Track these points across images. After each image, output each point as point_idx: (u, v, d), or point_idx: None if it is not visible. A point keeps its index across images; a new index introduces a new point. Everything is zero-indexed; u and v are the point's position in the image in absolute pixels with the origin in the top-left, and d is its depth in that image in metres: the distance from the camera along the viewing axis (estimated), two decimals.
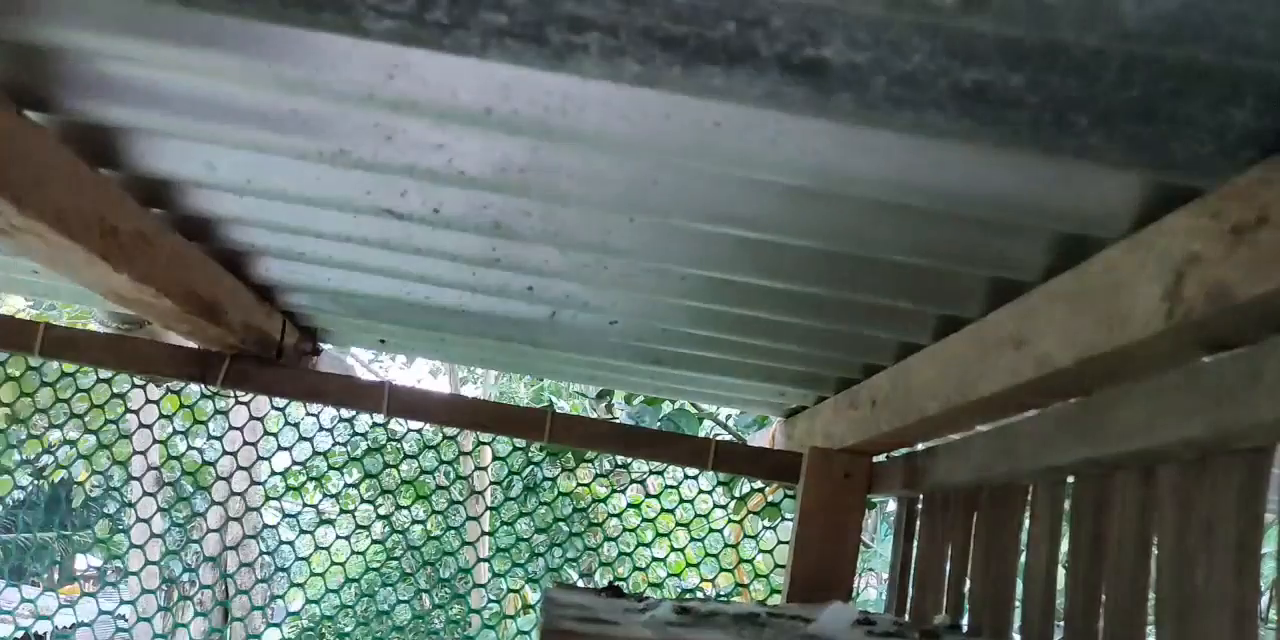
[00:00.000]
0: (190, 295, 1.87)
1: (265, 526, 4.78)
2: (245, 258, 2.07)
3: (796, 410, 2.56)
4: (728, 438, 4.07)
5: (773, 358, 2.09)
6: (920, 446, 2.02)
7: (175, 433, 3.87)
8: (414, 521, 5.64)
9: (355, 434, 3.24)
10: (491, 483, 4.06)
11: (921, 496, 2.02)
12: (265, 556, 4.57)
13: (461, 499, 3.95)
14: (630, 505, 3.97)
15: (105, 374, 2.99)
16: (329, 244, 1.86)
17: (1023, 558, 1.53)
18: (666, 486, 3.19)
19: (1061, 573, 1.40)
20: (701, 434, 5.00)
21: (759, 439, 3.03)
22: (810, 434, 2.38)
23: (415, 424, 3.12)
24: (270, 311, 2.38)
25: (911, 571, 2.03)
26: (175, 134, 1.44)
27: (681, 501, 3.24)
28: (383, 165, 1.35)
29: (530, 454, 4.49)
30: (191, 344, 2.41)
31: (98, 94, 1.35)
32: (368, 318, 2.35)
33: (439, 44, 0.88)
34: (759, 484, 3.36)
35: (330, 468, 3.59)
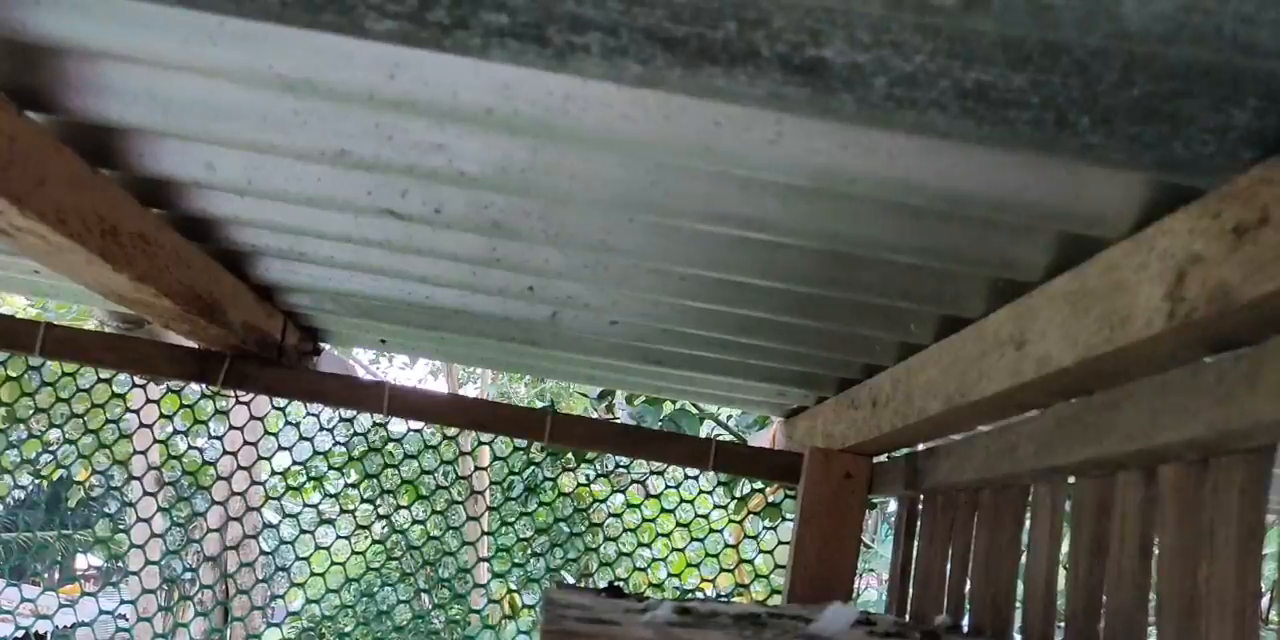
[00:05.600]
0: (190, 295, 1.87)
1: (265, 526, 4.79)
2: (246, 258, 2.07)
3: (797, 410, 2.56)
4: (728, 438, 4.07)
5: (773, 358, 2.09)
6: (921, 447, 2.01)
7: (175, 432, 3.87)
8: (414, 521, 5.64)
9: (355, 434, 3.24)
10: (492, 483, 4.06)
11: (922, 497, 2.02)
12: (265, 556, 4.57)
13: (461, 499, 3.95)
14: (630, 505, 3.97)
15: (105, 373, 2.99)
16: (330, 244, 1.86)
17: (1023, 558, 1.53)
18: (667, 487, 3.19)
19: (1062, 573, 1.40)
20: (702, 434, 5.01)
21: (760, 439, 3.03)
22: (811, 434, 2.38)
23: (415, 424, 3.12)
24: (271, 311, 2.38)
25: (912, 572, 2.03)
26: (176, 134, 1.44)
27: (682, 502, 3.24)
28: (383, 165, 1.35)
29: (531, 454, 4.49)
30: (192, 344, 2.41)
31: (98, 94, 1.35)
32: (368, 318, 2.35)
33: (440, 44, 0.88)
34: (759, 484, 3.37)
35: (330, 468, 3.59)
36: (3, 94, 1.30)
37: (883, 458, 2.24)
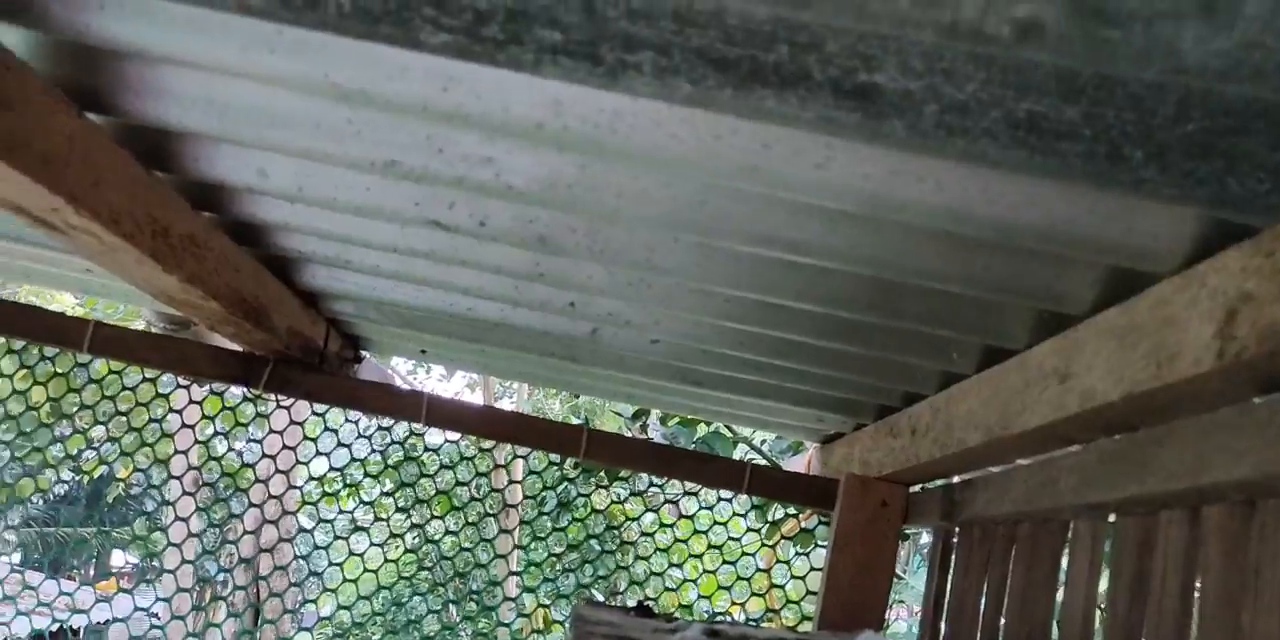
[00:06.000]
0: (237, 299, 1.89)
1: (300, 530, 4.81)
2: (293, 264, 2.10)
3: (834, 437, 2.55)
4: (763, 462, 4.05)
5: (813, 383, 2.08)
6: (958, 478, 1.99)
7: (216, 434, 3.90)
8: (446, 532, 5.65)
9: (392, 442, 3.25)
10: (525, 497, 4.06)
11: (958, 528, 2.00)
12: (299, 560, 4.60)
13: (494, 512, 3.95)
14: (663, 525, 3.96)
15: (150, 373, 3.03)
16: (376, 253, 1.88)
17: (1060, 595, 1.50)
18: (700, 508, 3.17)
19: (1099, 613, 1.38)
20: (736, 458, 4.98)
21: (794, 464, 3.01)
22: (847, 461, 2.36)
23: (451, 435, 3.14)
24: (315, 318, 2.40)
25: (945, 605, 2.00)
26: (230, 139, 1.46)
27: (715, 523, 3.23)
28: (432, 177, 1.36)
29: (564, 470, 4.49)
30: (236, 347, 2.43)
31: (156, 97, 1.37)
32: (410, 328, 2.36)
33: (493, 59, 0.88)
34: (793, 509, 3.34)
35: (366, 475, 3.61)
36: (64, 95, 1.32)
37: (919, 488, 2.22)
